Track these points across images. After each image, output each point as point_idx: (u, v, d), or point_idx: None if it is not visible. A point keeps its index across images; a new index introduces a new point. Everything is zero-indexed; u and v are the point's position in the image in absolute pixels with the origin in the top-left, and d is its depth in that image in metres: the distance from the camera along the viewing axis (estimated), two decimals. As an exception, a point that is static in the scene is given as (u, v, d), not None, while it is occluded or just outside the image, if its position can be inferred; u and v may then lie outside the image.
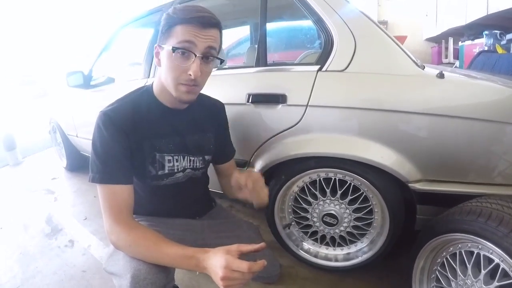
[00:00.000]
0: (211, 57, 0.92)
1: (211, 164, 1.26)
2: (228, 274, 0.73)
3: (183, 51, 0.87)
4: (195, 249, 0.82)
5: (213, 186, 1.35)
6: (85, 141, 2.54)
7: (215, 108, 1.20)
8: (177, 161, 1.06)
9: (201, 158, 1.14)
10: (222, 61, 0.98)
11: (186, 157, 1.09)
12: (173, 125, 1.04)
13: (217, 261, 0.75)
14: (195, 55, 0.88)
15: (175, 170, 1.07)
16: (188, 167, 1.11)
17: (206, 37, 0.88)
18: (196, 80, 0.91)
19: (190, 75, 0.88)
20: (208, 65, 0.93)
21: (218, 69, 1.52)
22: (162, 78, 0.96)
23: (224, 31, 1.00)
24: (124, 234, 0.87)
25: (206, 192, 1.32)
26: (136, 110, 0.96)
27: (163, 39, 0.92)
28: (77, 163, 3.23)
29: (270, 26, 2.30)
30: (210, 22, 0.89)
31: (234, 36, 3.46)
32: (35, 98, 13.13)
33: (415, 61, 1.20)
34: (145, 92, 1.03)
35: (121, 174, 0.91)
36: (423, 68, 1.19)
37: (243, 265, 0.73)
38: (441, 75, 1.10)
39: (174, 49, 0.87)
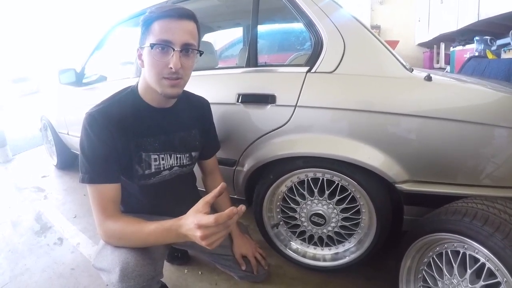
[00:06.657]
0: (191, 49, 0.95)
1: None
2: (205, 232, 0.75)
3: (162, 46, 0.90)
4: (171, 220, 0.84)
5: (202, 185, 1.36)
6: (76, 139, 2.50)
7: (200, 104, 1.22)
8: (163, 160, 1.08)
9: (187, 155, 1.15)
10: (201, 53, 1.00)
11: (172, 155, 1.10)
12: (158, 124, 1.05)
13: (190, 224, 0.78)
14: (173, 49, 0.91)
15: (162, 169, 1.08)
16: (175, 164, 1.12)
17: (183, 30, 0.92)
18: (178, 73, 0.93)
19: (171, 68, 0.91)
20: (188, 58, 0.96)
21: (209, 69, 1.52)
22: (146, 77, 0.98)
23: (217, 32, 1.01)
24: (112, 226, 0.90)
25: (194, 190, 1.33)
26: (121, 111, 0.97)
27: (142, 40, 0.96)
28: (67, 161, 3.21)
29: (262, 28, 2.31)
30: (185, 13, 0.92)
31: (228, 37, 3.47)
32: (27, 95, 13.03)
33: (404, 64, 1.21)
34: (130, 93, 1.04)
35: (109, 173, 0.94)
36: (412, 71, 1.20)
37: (210, 220, 0.74)
38: (428, 78, 1.11)
39: (152, 46, 0.90)
